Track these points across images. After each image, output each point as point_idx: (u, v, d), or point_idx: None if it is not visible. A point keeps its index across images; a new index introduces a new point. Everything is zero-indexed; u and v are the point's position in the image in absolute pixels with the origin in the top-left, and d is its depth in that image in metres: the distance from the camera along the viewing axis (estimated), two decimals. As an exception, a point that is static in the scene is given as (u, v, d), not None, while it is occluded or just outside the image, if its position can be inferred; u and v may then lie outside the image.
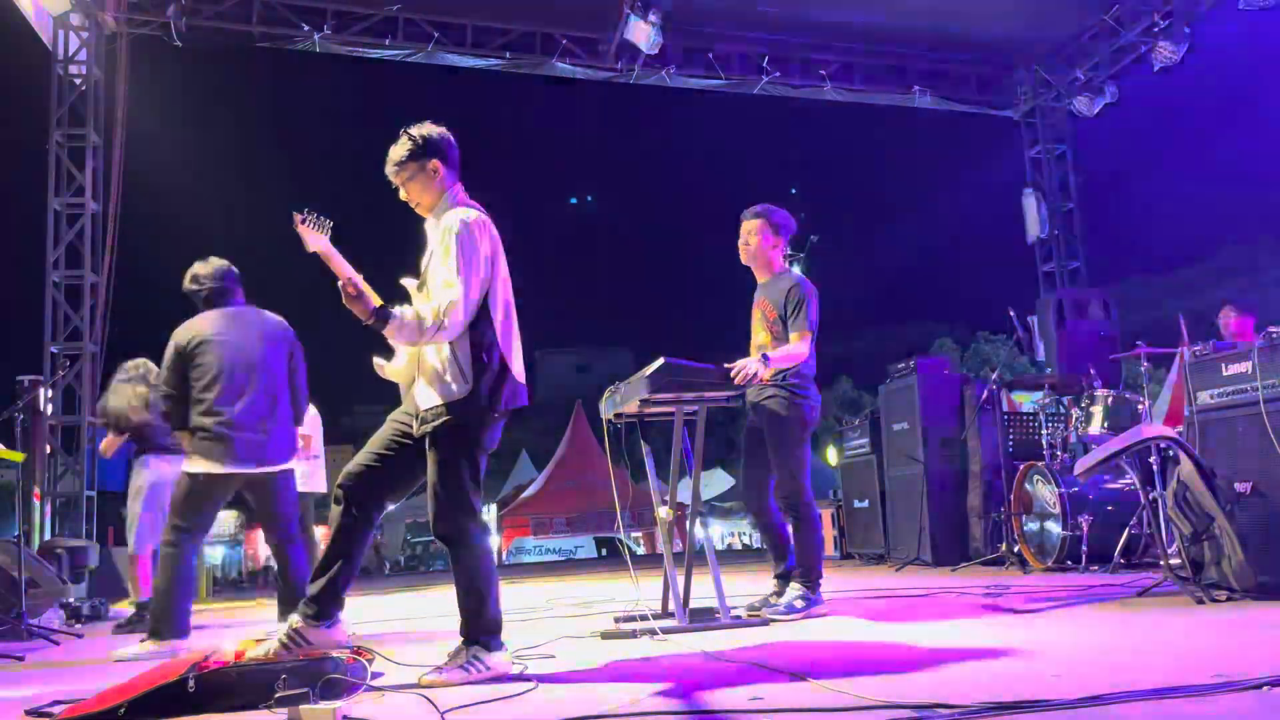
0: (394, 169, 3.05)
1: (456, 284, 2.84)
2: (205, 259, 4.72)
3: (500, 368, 2.94)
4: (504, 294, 3.02)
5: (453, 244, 2.88)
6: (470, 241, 2.90)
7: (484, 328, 2.93)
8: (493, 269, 2.97)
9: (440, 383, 2.90)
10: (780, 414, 4.26)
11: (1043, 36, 12.25)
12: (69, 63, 10.04)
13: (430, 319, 2.81)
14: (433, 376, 2.92)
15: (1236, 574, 3.77)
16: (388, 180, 3.11)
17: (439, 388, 2.90)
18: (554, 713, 2.31)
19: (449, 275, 2.86)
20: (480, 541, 2.94)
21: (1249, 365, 3.89)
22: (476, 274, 2.88)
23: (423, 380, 2.94)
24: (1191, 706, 1.91)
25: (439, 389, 2.90)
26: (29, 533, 8.14)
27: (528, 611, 5.49)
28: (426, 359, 2.94)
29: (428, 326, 2.81)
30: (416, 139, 3.03)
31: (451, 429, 2.88)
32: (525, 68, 11.48)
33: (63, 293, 9.73)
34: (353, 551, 2.99)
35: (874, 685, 2.33)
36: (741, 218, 4.57)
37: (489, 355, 2.92)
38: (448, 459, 2.89)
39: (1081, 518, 5.87)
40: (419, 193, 3.06)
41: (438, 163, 3.04)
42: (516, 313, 3.10)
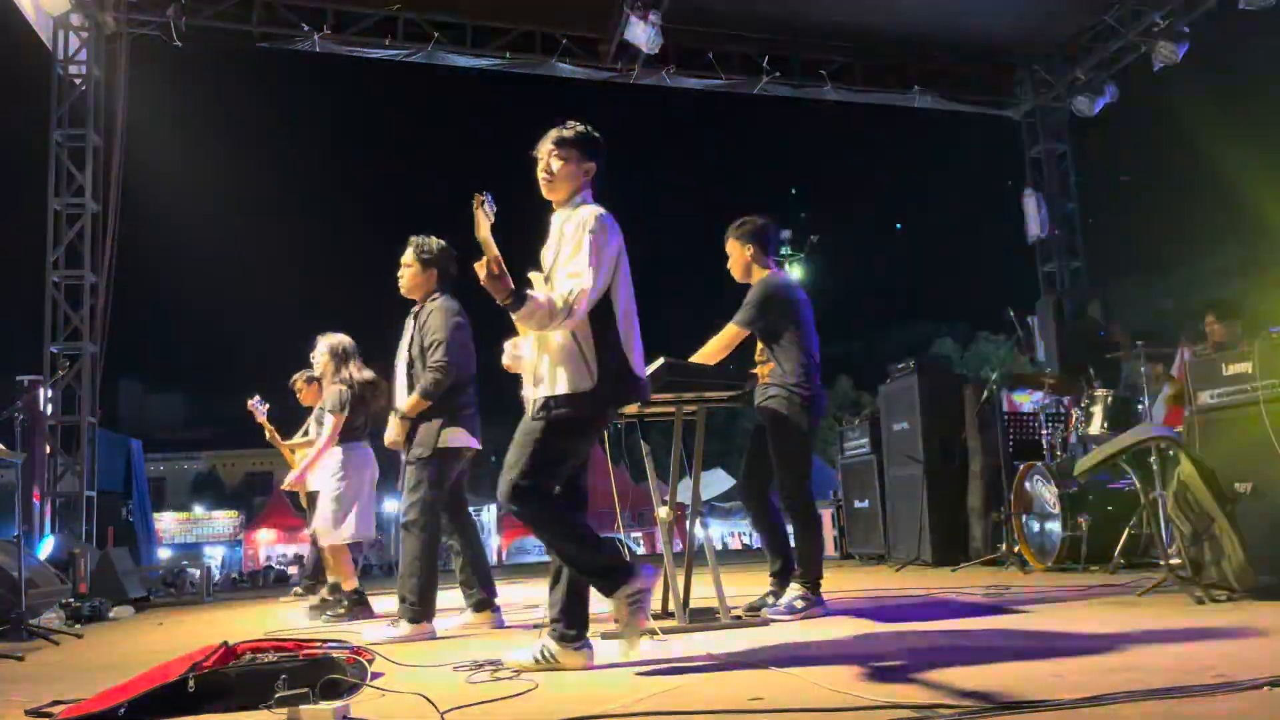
0: (556, 146, 3.08)
1: (585, 274, 2.90)
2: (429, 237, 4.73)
3: (621, 363, 3.00)
4: (626, 294, 3.09)
5: (586, 237, 2.95)
6: (604, 237, 2.98)
7: (607, 323, 3.00)
8: (617, 268, 3.04)
9: (569, 371, 2.95)
10: (781, 413, 4.26)
11: (1043, 36, 12.24)
12: (69, 63, 10.03)
13: (560, 303, 2.87)
14: (562, 364, 2.96)
15: (1236, 574, 3.77)
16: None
17: (564, 381, 2.95)
18: (554, 713, 2.31)
19: (578, 266, 2.92)
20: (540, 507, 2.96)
21: (1249, 365, 3.89)
22: (604, 268, 2.95)
23: (551, 368, 2.98)
24: (1191, 706, 1.91)
25: (564, 382, 2.95)
26: (29, 533, 8.14)
27: (528, 612, 5.49)
28: (554, 347, 2.99)
29: (558, 310, 2.87)
30: (590, 136, 3.11)
31: (568, 418, 2.94)
32: (525, 68, 11.47)
33: (63, 293, 9.72)
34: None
35: (874, 685, 2.33)
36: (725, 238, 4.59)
37: (612, 351, 2.98)
38: (546, 438, 2.93)
39: (1081, 518, 5.87)
40: (564, 179, 3.09)
41: (593, 166, 3.13)
42: None
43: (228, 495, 59.68)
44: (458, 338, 4.48)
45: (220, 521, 42.46)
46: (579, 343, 2.96)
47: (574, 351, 2.96)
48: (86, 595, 7.46)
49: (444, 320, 4.49)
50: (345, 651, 2.93)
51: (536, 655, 2.98)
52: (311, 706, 2.35)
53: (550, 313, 2.88)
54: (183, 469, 66.36)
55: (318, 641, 3.17)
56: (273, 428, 7.44)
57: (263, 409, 7.38)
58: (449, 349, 4.42)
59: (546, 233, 3.16)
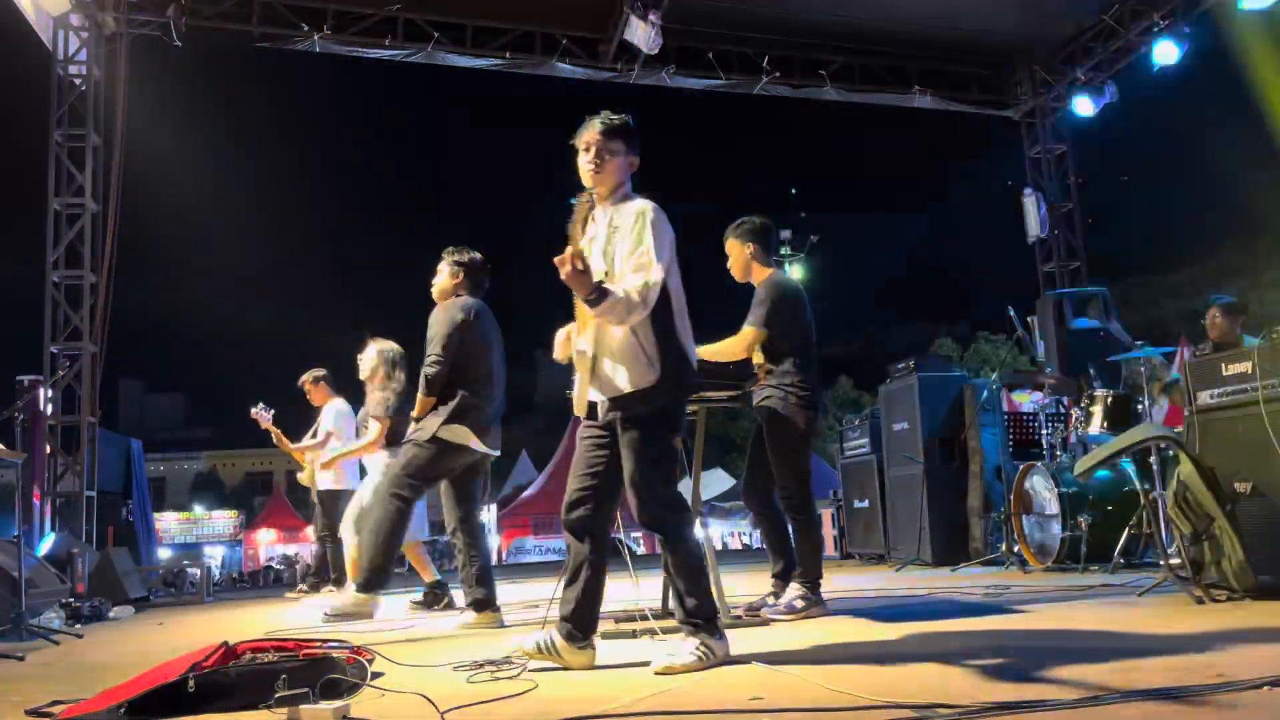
0: (605, 135, 3.07)
1: (654, 266, 2.89)
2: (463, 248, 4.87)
3: (680, 354, 3.00)
4: (678, 285, 3.07)
5: (647, 228, 2.94)
6: (663, 227, 2.98)
7: (665, 314, 2.98)
8: (673, 254, 3.04)
9: (632, 368, 2.94)
10: (780, 413, 4.27)
11: (1043, 36, 12.24)
12: (69, 63, 10.03)
13: (636, 296, 2.85)
14: (624, 361, 2.95)
15: (1236, 574, 3.77)
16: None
17: (626, 379, 2.94)
18: (554, 713, 2.31)
19: (642, 259, 2.90)
20: (686, 530, 2.99)
21: (1249, 365, 3.89)
22: (664, 259, 2.94)
23: (613, 366, 2.97)
24: (1191, 706, 1.91)
25: (629, 376, 2.94)
26: (29, 532, 8.14)
27: (528, 612, 5.49)
28: (614, 344, 2.97)
29: (635, 303, 2.85)
30: (633, 129, 3.10)
31: (645, 417, 2.93)
32: (525, 68, 11.47)
33: (63, 293, 9.72)
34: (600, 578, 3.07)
35: (874, 685, 2.33)
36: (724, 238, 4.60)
37: (672, 342, 2.98)
38: (640, 448, 2.93)
39: (1081, 518, 5.87)
40: (611, 169, 3.07)
41: (637, 159, 3.13)
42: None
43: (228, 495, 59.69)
44: (458, 336, 4.50)
45: (220, 521, 42.47)
46: (639, 337, 2.94)
47: (635, 346, 2.94)
48: (84, 595, 7.45)
49: (444, 317, 4.54)
50: (345, 651, 2.93)
51: (540, 643, 3.01)
52: (311, 706, 2.35)
53: (629, 305, 2.85)
54: (183, 469, 66.35)
55: (318, 641, 3.17)
56: (279, 431, 7.44)
57: (267, 415, 7.38)
58: (445, 345, 4.46)
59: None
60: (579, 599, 3.01)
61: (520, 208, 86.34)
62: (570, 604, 3.02)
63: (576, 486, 3.07)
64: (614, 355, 2.96)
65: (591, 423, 3.07)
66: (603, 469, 3.04)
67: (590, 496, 3.04)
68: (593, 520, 3.04)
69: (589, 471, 3.05)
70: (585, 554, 3.04)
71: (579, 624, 3.01)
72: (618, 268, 2.96)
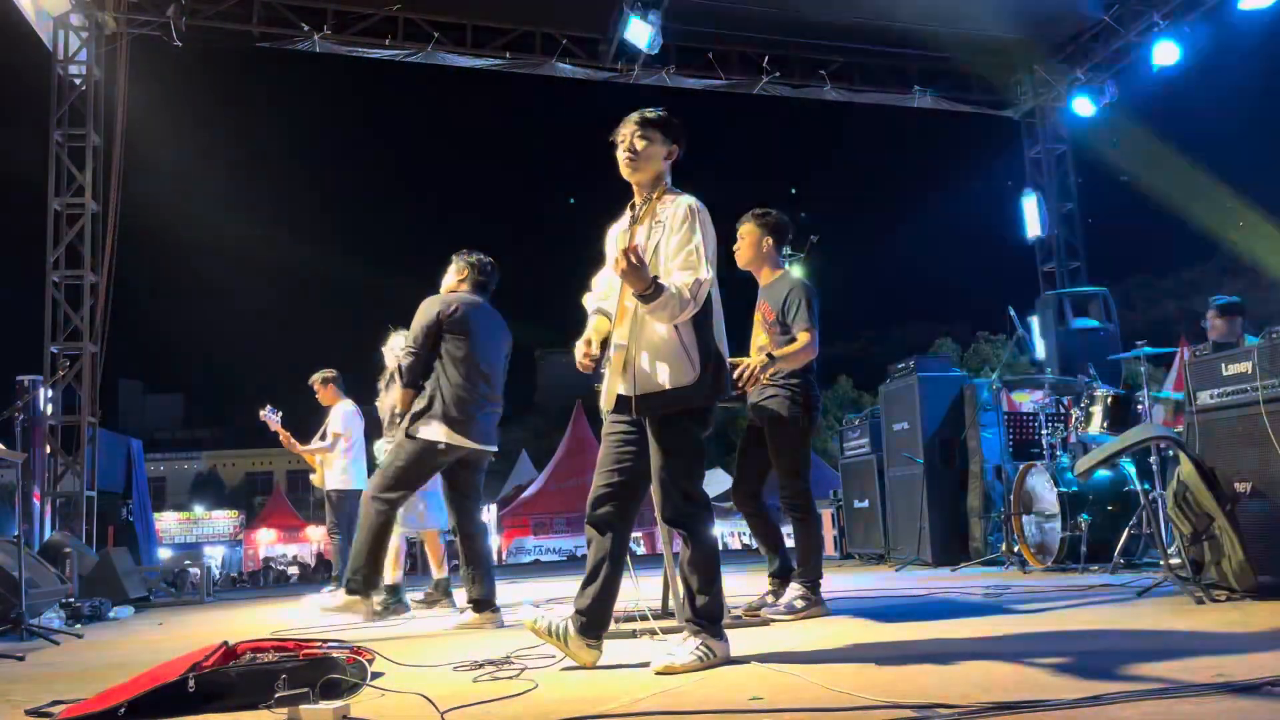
0: (639, 126, 3.04)
1: (703, 265, 2.87)
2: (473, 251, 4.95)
3: (718, 357, 2.98)
4: (716, 287, 3.05)
5: (697, 227, 2.91)
6: (709, 228, 2.96)
7: (708, 315, 2.97)
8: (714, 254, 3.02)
9: (670, 367, 2.91)
10: (781, 414, 4.26)
11: (1043, 36, 12.25)
12: (69, 63, 10.04)
13: (687, 294, 2.82)
14: (666, 359, 2.92)
15: (1236, 574, 3.77)
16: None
17: (669, 372, 2.91)
18: (554, 713, 2.31)
19: (692, 257, 2.88)
20: (708, 528, 2.97)
21: (1249, 365, 3.89)
22: (712, 259, 2.92)
23: (654, 363, 2.94)
24: (1191, 706, 1.91)
25: (668, 374, 2.91)
26: (29, 533, 8.14)
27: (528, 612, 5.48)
28: (656, 341, 2.94)
29: (687, 300, 2.82)
30: (676, 121, 3.07)
31: (680, 415, 2.91)
32: (525, 68, 11.48)
33: (63, 293, 9.72)
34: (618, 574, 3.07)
35: (874, 685, 2.32)
36: (738, 222, 4.57)
37: (709, 342, 2.95)
38: (672, 446, 2.92)
39: (1081, 518, 5.87)
40: (648, 159, 3.04)
41: (677, 150, 3.09)
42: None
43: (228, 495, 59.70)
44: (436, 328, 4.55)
45: (220, 521, 42.46)
46: (681, 336, 2.91)
47: (677, 344, 2.91)
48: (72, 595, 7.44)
49: (423, 310, 4.60)
50: (345, 651, 2.93)
51: (553, 626, 3.00)
52: (311, 706, 2.35)
53: (681, 302, 2.82)
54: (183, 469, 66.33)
55: (318, 641, 3.17)
56: (288, 433, 7.43)
57: (275, 417, 7.37)
58: (417, 337, 4.53)
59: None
60: (597, 595, 2.99)
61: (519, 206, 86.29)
62: (588, 599, 3.00)
63: (603, 482, 3.03)
64: (654, 352, 2.93)
65: (620, 417, 3.03)
66: (630, 464, 3.01)
67: (616, 492, 3.01)
68: (618, 516, 3.02)
69: (616, 467, 3.02)
70: (607, 549, 3.01)
71: (594, 620, 2.99)
72: (662, 264, 2.92)
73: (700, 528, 2.96)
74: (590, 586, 3.00)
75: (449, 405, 4.50)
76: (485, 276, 4.88)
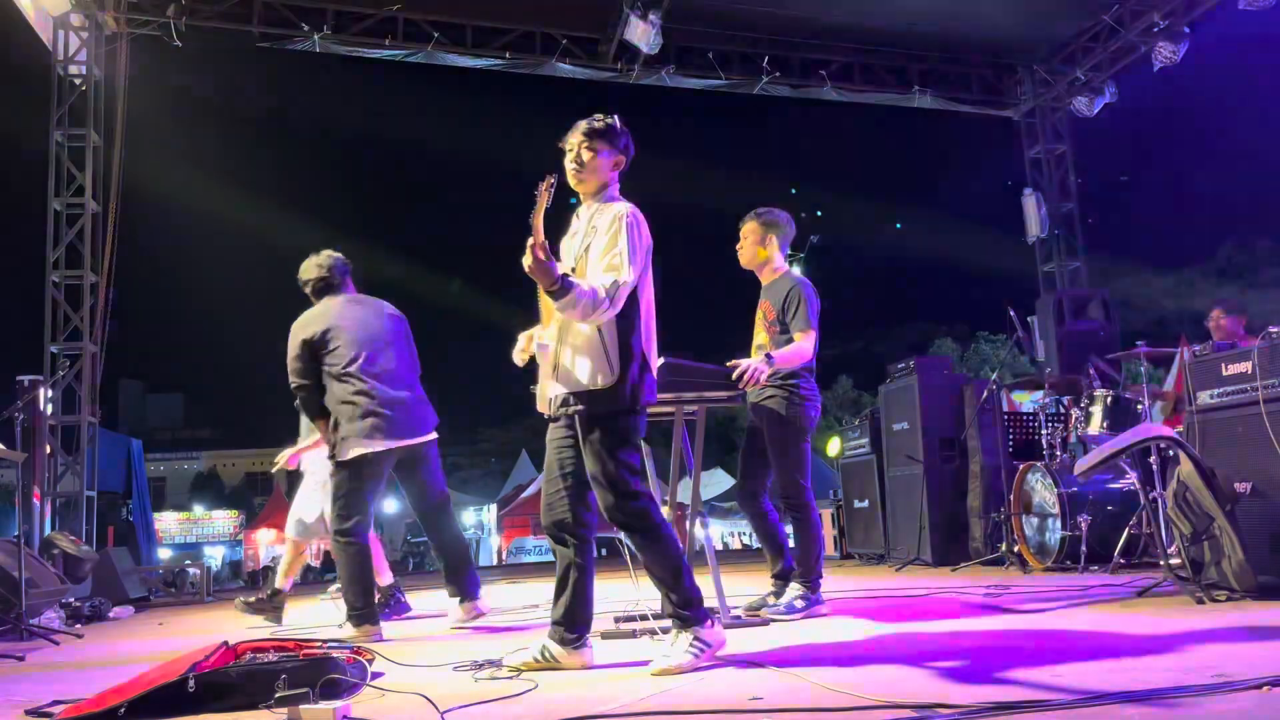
0: (586, 137, 3.07)
1: (625, 267, 2.89)
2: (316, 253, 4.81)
3: (641, 361, 2.99)
4: (649, 292, 3.08)
5: (623, 231, 2.93)
6: (639, 232, 2.98)
7: (631, 318, 2.97)
8: (648, 262, 3.05)
9: (587, 369, 2.93)
10: (780, 414, 4.26)
11: (1043, 36, 12.23)
12: (69, 63, 10.03)
13: (603, 293, 2.84)
14: (580, 361, 2.95)
15: (1236, 574, 3.77)
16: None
17: (585, 374, 2.93)
18: (554, 713, 2.31)
19: (615, 259, 2.91)
20: (656, 523, 2.96)
21: (1249, 365, 3.89)
22: (635, 262, 2.93)
23: (575, 360, 2.96)
24: (1191, 706, 1.91)
25: (585, 375, 2.93)
26: (29, 533, 8.14)
27: (528, 612, 5.49)
28: (579, 340, 2.96)
29: (601, 299, 2.84)
30: (620, 128, 3.10)
31: (598, 418, 2.92)
32: (525, 68, 11.47)
33: (63, 293, 9.72)
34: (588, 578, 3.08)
35: (874, 685, 2.33)
36: (741, 221, 4.57)
37: (634, 347, 2.96)
38: (600, 446, 2.92)
39: (1081, 518, 5.87)
40: (593, 170, 3.08)
41: (623, 159, 3.13)
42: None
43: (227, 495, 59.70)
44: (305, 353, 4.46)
45: (220, 521, 42.46)
46: (603, 336, 2.93)
47: (598, 344, 2.93)
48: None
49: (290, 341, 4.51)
50: (345, 651, 2.94)
51: (537, 655, 3.01)
52: (311, 706, 2.35)
53: (595, 302, 2.83)
54: (183, 469, 66.35)
55: (318, 641, 3.17)
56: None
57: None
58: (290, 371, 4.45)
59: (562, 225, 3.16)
60: (568, 602, 3.02)
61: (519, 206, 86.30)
62: (561, 608, 3.03)
63: (550, 490, 3.07)
64: (576, 349, 2.96)
65: (556, 423, 3.07)
66: (573, 469, 3.03)
67: (565, 498, 3.04)
68: (572, 522, 3.04)
69: (561, 473, 3.05)
70: (570, 557, 3.04)
71: (570, 625, 3.02)
72: (589, 266, 2.96)
73: (646, 526, 2.94)
74: (561, 596, 3.03)
75: (355, 419, 4.39)
76: (330, 274, 4.74)
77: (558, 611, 3.03)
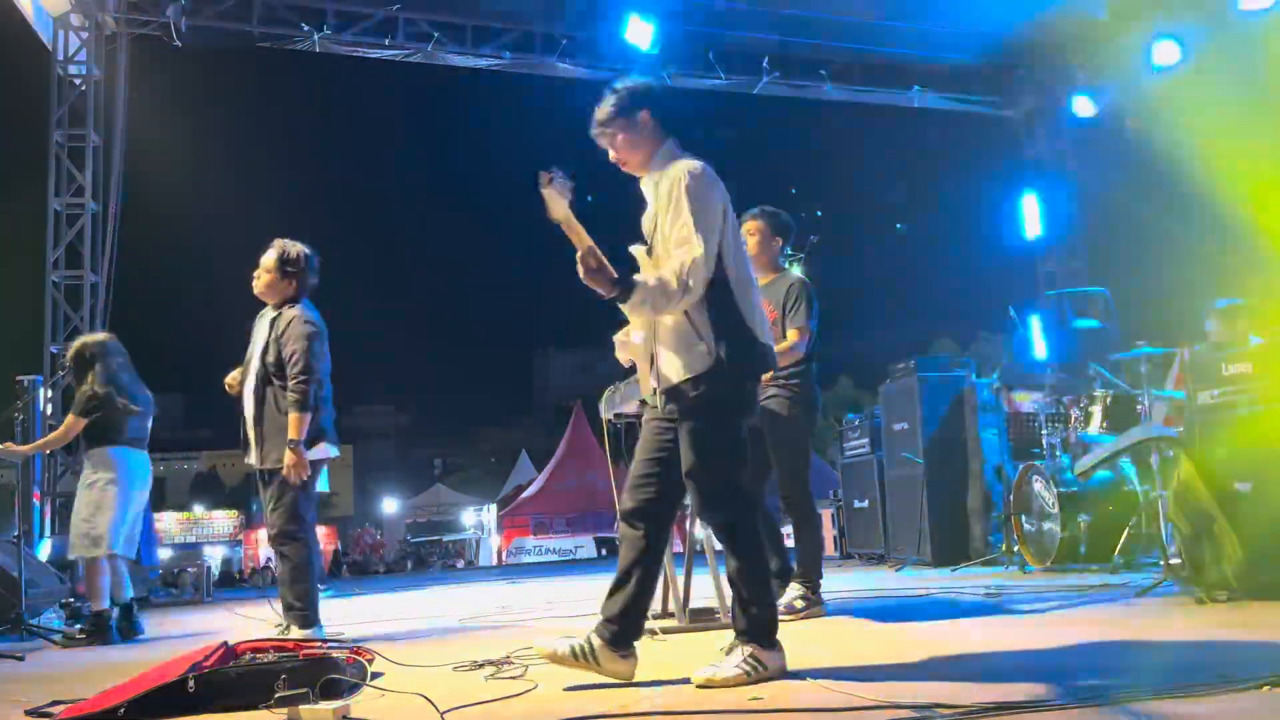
0: (599, 130, 2.83)
1: (694, 239, 2.59)
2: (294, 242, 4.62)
3: (741, 328, 2.68)
4: (736, 254, 2.74)
5: (683, 197, 2.63)
6: (703, 192, 2.66)
7: (721, 290, 2.66)
8: (724, 221, 2.71)
9: (684, 355, 2.65)
10: (781, 414, 4.26)
11: (1043, 36, 12.25)
12: (69, 63, 10.04)
13: (674, 281, 2.56)
14: (675, 349, 2.67)
15: (1236, 574, 3.77)
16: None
17: (683, 360, 2.65)
18: (554, 713, 2.31)
19: (684, 232, 2.61)
20: (749, 533, 2.70)
21: (1249, 365, 3.89)
22: (710, 229, 2.63)
23: (664, 354, 2.70)
24: (1191, 706, 1.91)
25: (684, 362, 2.65)
26: (29, 532, 8.13)
27: (528, 612, 5.49)
28: (665, 330, 2.70)
29: (673, 290, 2.56)
30: (621, 91, 2.80)
31: (704, 404, 2.63)
32: (525, 68, 11.49)
33: (63, 293, 9.72)
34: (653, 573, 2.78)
35: (874, 685, 2.32)
36: (741, 219, 4.56)
37: (728, 321, 2.66)
38: (699, 441, 2.64)
39: (1081, 518, 5.86)
40: (628, 149, 2.81)
41: (646, 113, 2.79)
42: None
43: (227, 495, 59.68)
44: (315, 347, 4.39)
45: (220, 521, 42.45)
46: (692, 320, 2.65)
47: (687, 330, 2.65)
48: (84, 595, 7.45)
49: (301, 331, 4.39)
50: (345, 651, 2.93)
51: (576, 647, 2.69)
52: (311, 706, 2.35)
53: (665, 293, 2.57)
54: (183, 469, 66.34)
55: (318, 641, 3.17)
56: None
57: None
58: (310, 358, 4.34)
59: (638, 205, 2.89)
60: (629, 601, 2.69)
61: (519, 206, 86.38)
62: (617, 605, 2.69)
63: (639, 471, 2.77)
64: (666, 342, 2.70)
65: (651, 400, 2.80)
66: (668, 455, 2.73)
67: (653, 481, 2.74)
68: (655, 507, 2.74)
69: (653, 456, 2.76)
70: (641, 547, 2.71)
71: (625, 629, 2.68)
72: (662, 244, 2.69)
73: (740, 531, 2.68)
74: (621, 591, 2.70)
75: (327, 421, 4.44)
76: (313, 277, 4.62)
77: (613, 607, 2.69)
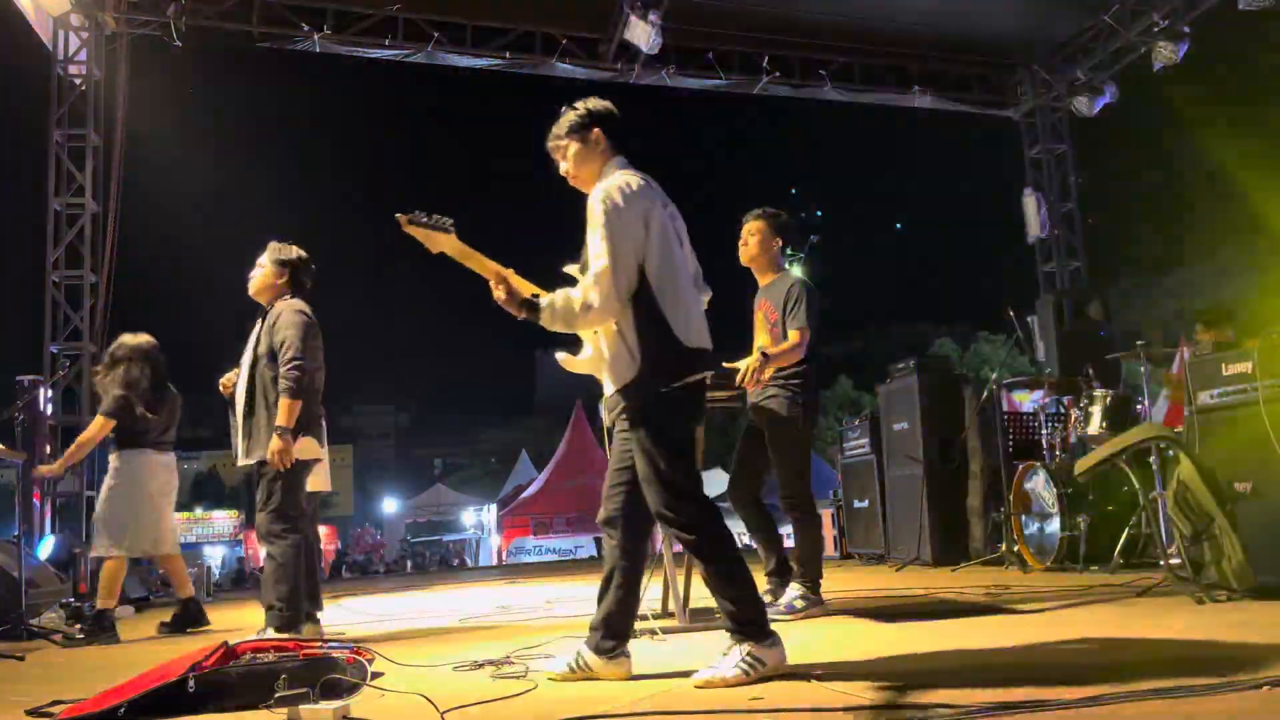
0: (555, 142, 2.96)
1: (603, 256, 2.70)
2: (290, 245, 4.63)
3: (665, 336, 2.74)
4: (661, 260, 2.77)
5: (598, 215, 2.75)
6: (613, 209, 2.74)
7: (644, 299, 2.74)
8: (646, 232, 2.76)
9: (614, 368, 2.79)
10: (781, 414, 4.26)
11: (1043, 36, 12.25)
12: (69, 63, 10.03)
13: (579, 297, 2.70)
14: (610, 361, 2.80)
15: (1236, 574, 3.77)
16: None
17: (614, 373, 2.79)
18: (554, 712, 2.31)
19: (598, 246, 2.73)
20: (714, 532, 2.74)
21: (1249, 365, 3.89)
22: (624, 242, 2.71)
23: (605, 367, 2.83)
24: (1191, 706, 1.91)
25: (614, 375, 2.79)
26: (29, 533, 8.14)
27: (528, 611, 5.49)
28: (604, 343, 2.82)
29: (577, 307, 2.70)
30: (580, 109, 2.95)
31: (636, 412, 2.75)
32: (525, 68, 11.48)
33: (63, 293, 9.72)
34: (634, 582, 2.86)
35: (874, 685, 2.32)
36: (743, 219, 4.57)
37: (653, 326, 2.74)
38: (645, 446, 2.72)
39: (1081, 518, 5.86)
40: (579, 165, 2.94)
41: (599, 132, 2.93)
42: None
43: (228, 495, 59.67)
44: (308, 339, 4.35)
45: (220, 521, 42.45)
46: (621, 331, 2.76)
47: (617, 342, 2.77)
48: (87, 594, 7.45)
49: (293, 319, 4.36)
50: (345, 651, 2.93)
51: (571, 664, 2.81)
52: (311, 706, 2.35)
53: (570, 311, 2.70)
54: (183, 469, 66.29)
55: (318, 641, 3.17)
56: None
57: None
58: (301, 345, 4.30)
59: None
60: (613, 606, 2.80)
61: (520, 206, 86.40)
62: (603, 611, 2.80)
63: (610, 481, 2.91)
64: (605, 355, 2.82)
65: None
66: (631, 464, 2.82)
67: (623, 489, 2.86)
68: (628, 513, 2.83)
69: (621, 465, 2.87)
70: (619, 554, 2.82)
71: (610, 632, 2.78)
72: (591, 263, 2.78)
73: (698, 532, 2.73)
74: (605, 598, 2.82)
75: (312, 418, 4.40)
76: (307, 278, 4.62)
77: (599, 614, 2.81)
